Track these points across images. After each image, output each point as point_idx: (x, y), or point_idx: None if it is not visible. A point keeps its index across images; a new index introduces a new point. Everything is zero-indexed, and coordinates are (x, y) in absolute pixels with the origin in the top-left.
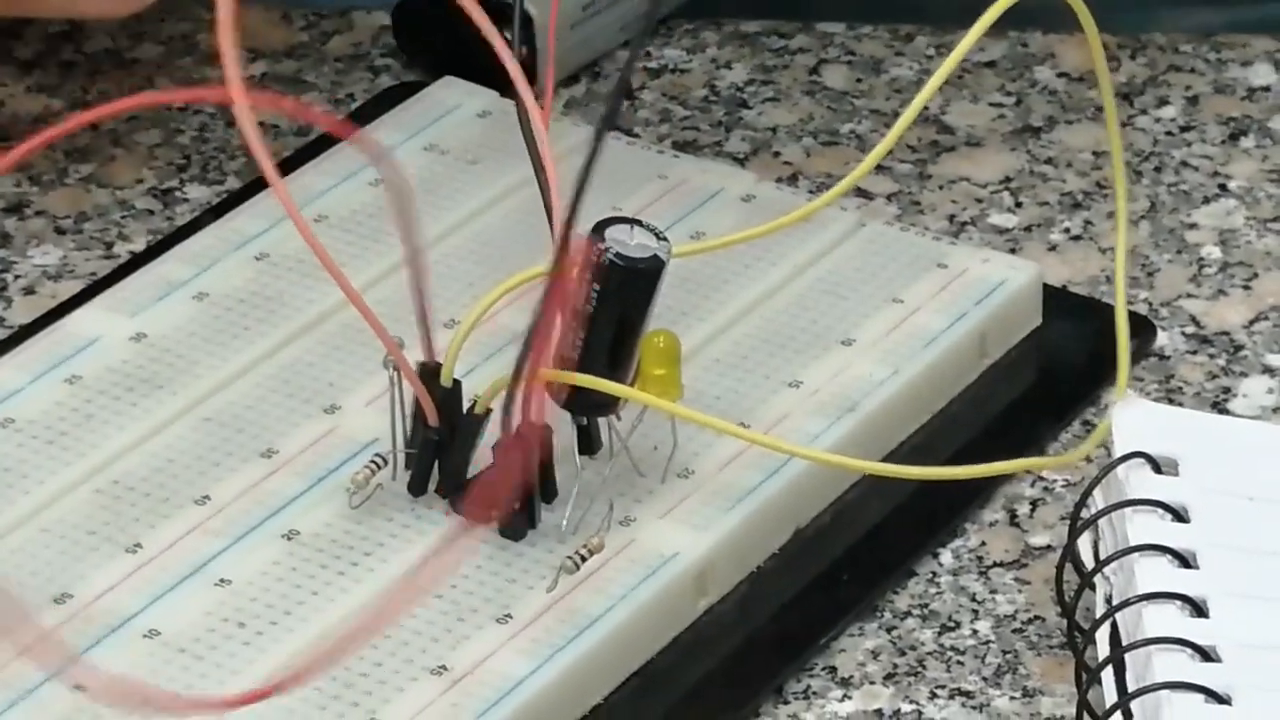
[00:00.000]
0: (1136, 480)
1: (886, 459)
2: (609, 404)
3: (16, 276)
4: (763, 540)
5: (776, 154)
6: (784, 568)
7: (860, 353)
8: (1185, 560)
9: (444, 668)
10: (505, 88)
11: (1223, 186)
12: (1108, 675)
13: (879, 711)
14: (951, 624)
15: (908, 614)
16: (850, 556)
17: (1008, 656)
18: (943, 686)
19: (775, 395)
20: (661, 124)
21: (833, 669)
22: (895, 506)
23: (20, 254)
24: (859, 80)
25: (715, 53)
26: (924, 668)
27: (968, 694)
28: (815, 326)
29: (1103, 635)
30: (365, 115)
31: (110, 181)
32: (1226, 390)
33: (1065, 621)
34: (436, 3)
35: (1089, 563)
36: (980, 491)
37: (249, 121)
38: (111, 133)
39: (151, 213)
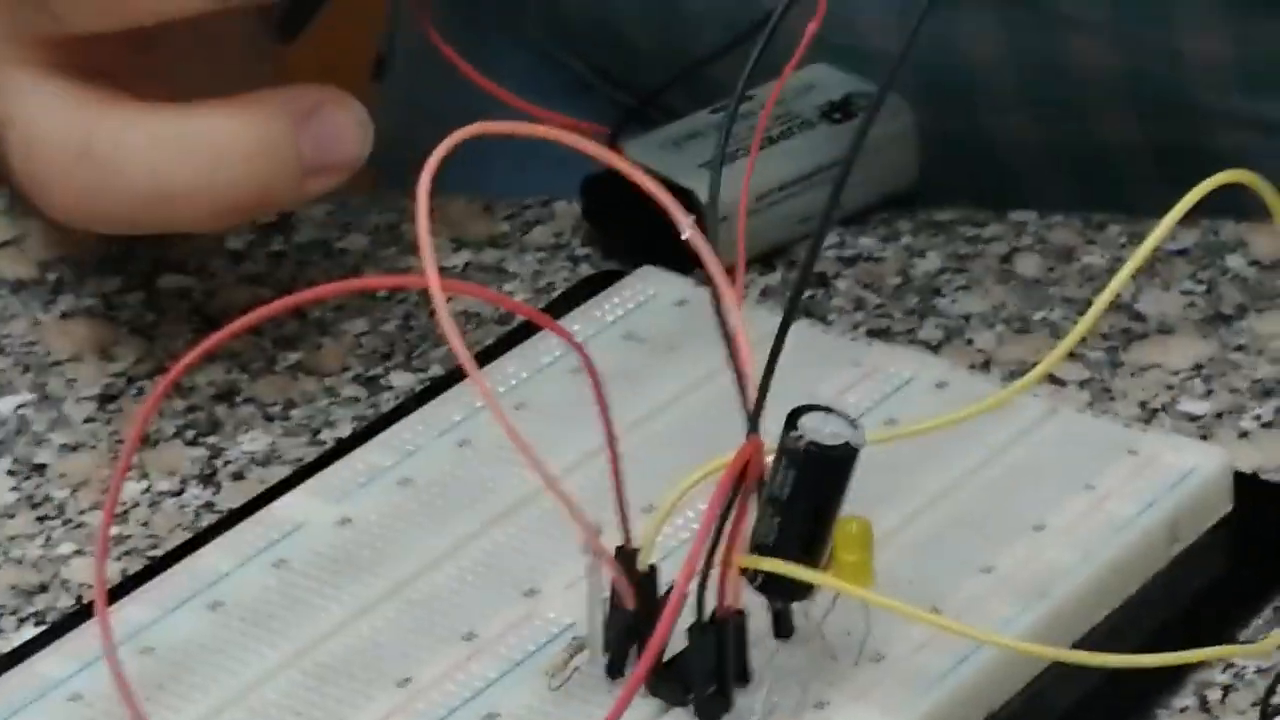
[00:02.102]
0: None
1: (1078, 645)
2: (803, 589)
3: (226, 462)
4: None
5: (969, 341)
6: None
7: (1052, 538)
8: None
9: None
10: (690, 270)
11: None
12: None
13: None
14: None
15: None
16: None
17: None
18: None
19: (967, 580)
20: (856, 311)
21: None
22: (1087, 692)
23: (230, 440)
24: (1051, 269)
25: (909, 241)
26: None
27: None
28: (1006, 512)
29: None
30: (565, 304)
31: (317, 369)
32: None
33: None
34: (622, 185)
35: None
36: (1172, 678)
37: (444, 310)
38: (319, 322)
39: (357, 400)
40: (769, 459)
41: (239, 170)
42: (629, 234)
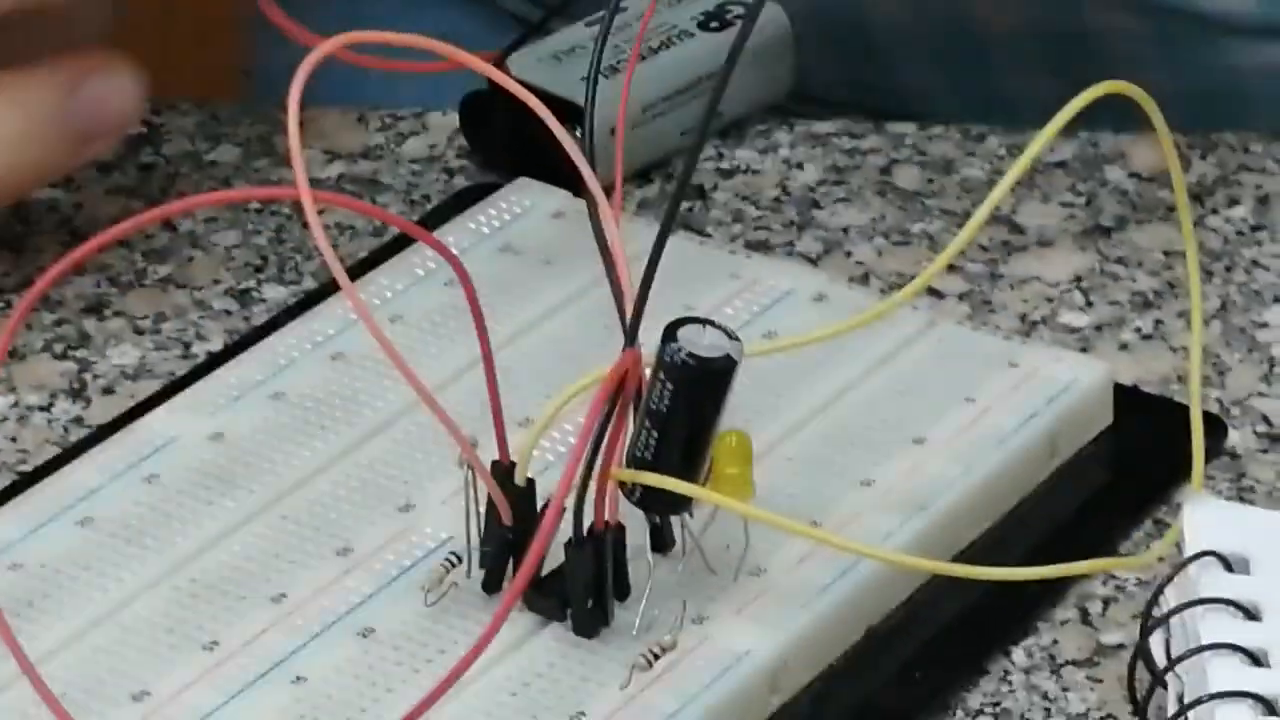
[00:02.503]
0: (1208, 579)
1: (958, 558)
2: (681, 502)
3: (95, 376)
4: (835, 638)
5: (848, 254)
6: (856, 666)
7: (932, 452)
8: (1257, 659)
9: None
10: (572, 186)
11: None
12: None
13: None
14: None
15: (980, 712)
16: (922, 654)
17: None
18: None
19: (847, 494)
20: (734, 224)
21: None
22: (967, 605)
23: (99, 354)
24: (930, 180)
25: (787, 153)
26: None
27: None
28: (887, 425)
29: None
30: (440, 216)
31: (188, 282)
32: None
33: None
34: (503, 100)
35: (1161, 661)
36: (1052, 590)
37: (316, 222)
38: (189, 234)
39: (229, 313)
40: (647, 371)
41: (7, 152)
42: (508, 147)
